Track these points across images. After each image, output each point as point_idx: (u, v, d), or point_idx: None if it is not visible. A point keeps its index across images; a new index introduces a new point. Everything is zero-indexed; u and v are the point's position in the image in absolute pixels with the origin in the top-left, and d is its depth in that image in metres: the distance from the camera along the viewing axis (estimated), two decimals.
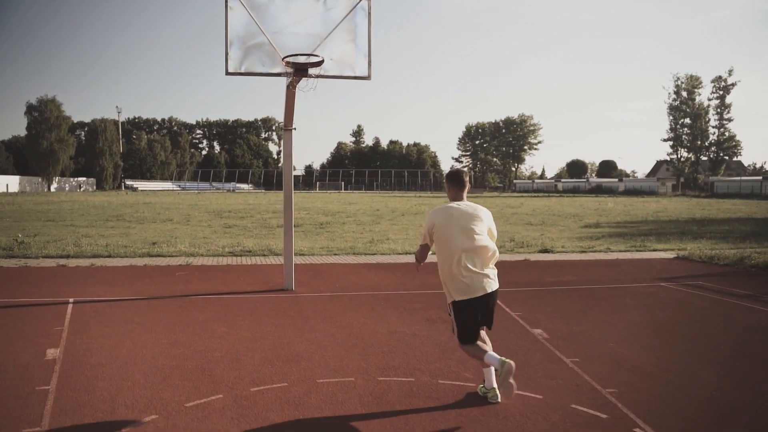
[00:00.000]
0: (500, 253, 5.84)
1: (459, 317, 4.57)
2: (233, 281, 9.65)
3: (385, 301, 8.38)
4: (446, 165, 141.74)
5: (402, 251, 14.11)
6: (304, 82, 6.93)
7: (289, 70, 6.86)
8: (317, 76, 6.87)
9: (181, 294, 8.48)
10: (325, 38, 7.13)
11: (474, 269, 4.52)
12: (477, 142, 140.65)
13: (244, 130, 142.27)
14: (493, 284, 4.62)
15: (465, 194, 4.86)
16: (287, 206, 8.68)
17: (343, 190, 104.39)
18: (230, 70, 6.89)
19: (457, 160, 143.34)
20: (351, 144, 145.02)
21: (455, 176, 4.87)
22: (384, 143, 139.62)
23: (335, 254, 13.49)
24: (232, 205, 38.73)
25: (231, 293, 8.64)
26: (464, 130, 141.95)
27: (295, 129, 8.43)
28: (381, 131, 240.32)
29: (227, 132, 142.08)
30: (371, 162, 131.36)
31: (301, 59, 6.69)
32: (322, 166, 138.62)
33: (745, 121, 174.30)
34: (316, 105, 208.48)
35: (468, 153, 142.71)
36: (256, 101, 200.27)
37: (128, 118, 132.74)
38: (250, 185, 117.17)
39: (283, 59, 6.90)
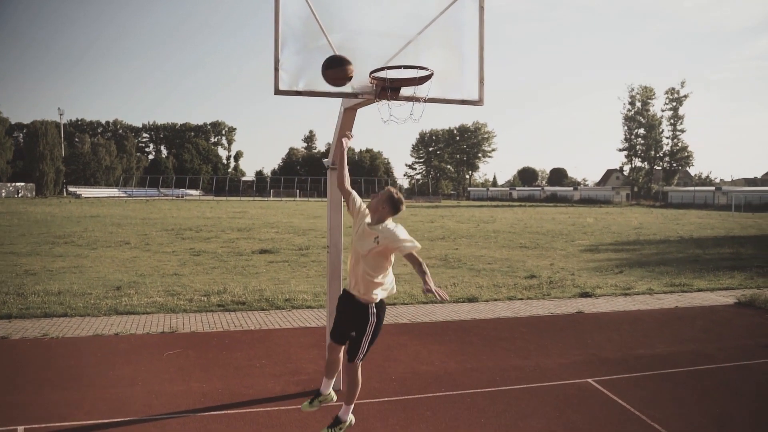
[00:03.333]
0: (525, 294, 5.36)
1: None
2: (246, 368, 7.12)
3: (475, 409, 6.07)
4: (400, 172, 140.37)
5: (431, 297, 11.84)
6: (389, 107, 4.62)
7: (372, 89, 4.56)
8: (414, 100, 4.57)
9: (184, 410, 5.84)
10: (410, 41, 4.72)
11: None
12: (431, 149, 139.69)
13: (192, 134, 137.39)
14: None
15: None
16: (333, 278, 6.26)
17: (298, 198, 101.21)
18: (282, 88, 4.48)
19: (410, 166, 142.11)
20: (303, 150, 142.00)
21: (401, 205, 4.89)
22: None
23: None
24: (189, 220, 35.64)
25: (252, 404, 5.97)
26: (418, 136, 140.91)
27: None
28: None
29: (175, 136, 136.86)
30: (323, 168, 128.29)
31: (392, 74, 4.35)
32: (274, 172, 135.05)
33: (691, 131, 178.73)
34: (264, 107, 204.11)
35: (421, 160, 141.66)
36: (205, 104, 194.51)
37: (70, 120, 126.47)
38: (199, 191, 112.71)
39: (370, 74, 4.58)
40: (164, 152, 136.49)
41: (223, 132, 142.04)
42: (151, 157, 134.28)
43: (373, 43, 4.68)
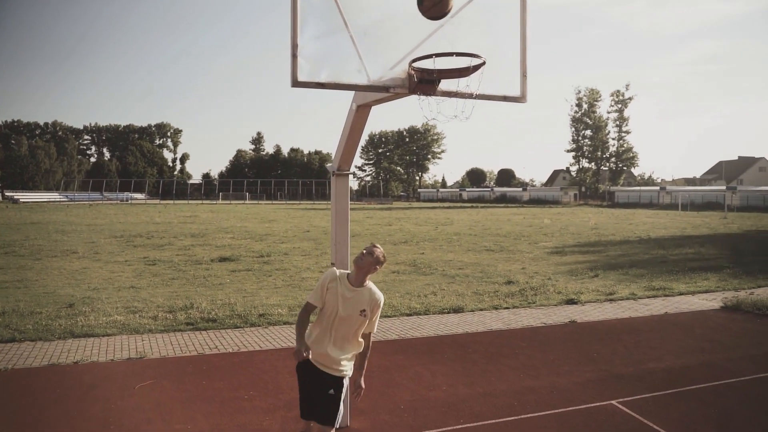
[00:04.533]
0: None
1: None
2: (233, 402, 6.23)
3: None
4: None
5: (416, 309, 11.14)
6: (429, 102, 3.88)
7: (404, 81, 3.82)
8: (459, 96, 3.85)
9: None
10: (441, 24, 3.99)
11: None
12: (380, 150, 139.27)
13: (136, 136, 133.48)
14: None
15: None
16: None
17: (247, 201, 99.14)
18: (302, 79, 3.70)
19: (360, 168, 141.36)
20: (251, 152, 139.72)
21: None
22: (285, 151, 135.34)
23: None
24: (138, 226, 34.02)
25: None
26: (368, 138, 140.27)
27: (353, 173, 5.33)
28: (282, 139, 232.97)
29: (118, 138, 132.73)
30: (272, 170, 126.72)
31: (439, 63, 3.60)
32: (221, 174, 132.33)
33: (635, 133, 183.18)
34: (211, 109, 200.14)
35: (371, 162, 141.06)
36: (149, 105, 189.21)
37: (6, 122, 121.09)
38: (145, 195, 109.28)
39: (411, 63, 3.82)
40: (107, 155, 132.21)
41: (169, 134, 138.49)
42: (93, 159, 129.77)
43: (405, 26, 3.92)
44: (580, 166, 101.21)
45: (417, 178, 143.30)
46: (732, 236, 30.45)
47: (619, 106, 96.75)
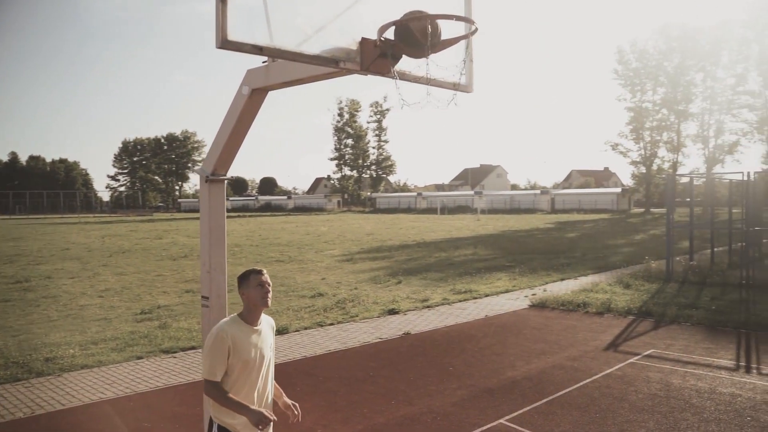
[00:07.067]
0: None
1: None
2: None
3: None
4: (100, 184, 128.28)
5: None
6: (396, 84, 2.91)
7: (362, 54, 2.83)
8: (407, 79, 2.92)
9: None
10: None
11: None
12: (136, 158, 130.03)
13: None
14: None
15: None
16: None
17: None
18: (234, 38, 2.46)
19: (113, 178, 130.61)
20: None
21: None
22: (23, 158, 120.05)
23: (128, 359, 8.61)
24: None
25: None
26: (120, 145, 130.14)
27: (230, 179, 4.12)
28: (16, 144, 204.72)
29: None
30: (7, 181, 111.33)
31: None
32: None
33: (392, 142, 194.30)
34: None
35: (126, 171, 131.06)
36: None
37: None
38: None
39: (381, 29, 2.79)
40: None
41: None
42: None
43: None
44: (343, 174, 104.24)
45: (177, 187, 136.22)
46: (493, 236, 33.08)
47: (378, 116, 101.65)
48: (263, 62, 3.60)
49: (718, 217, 22.26)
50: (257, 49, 2.61)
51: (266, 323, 3.57)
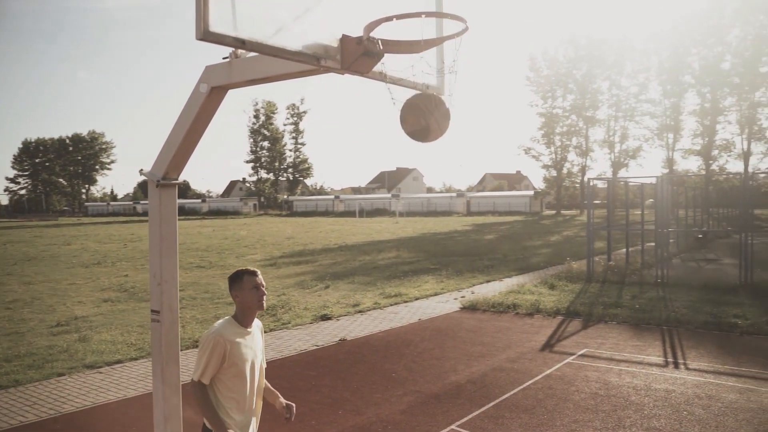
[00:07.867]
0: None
1: None
2: None
3: None
4: None
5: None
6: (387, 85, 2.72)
7: (343, 52, 2.64)
8: (380, 79, 2.78)
9: None
10: None
11: None
12: (38, 160, 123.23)
13: None
14: None
15: None
16: (169, 362, 3.97)
17: None
18: (217, 30, 2.23)
19: (13, 180, 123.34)
20: None
21: None
22: None
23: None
24: None
25: None
26: (21, 146, 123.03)
27: (183, 182, 3.84)
28: None
29: None
30: None
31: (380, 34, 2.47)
32: None
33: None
34: None
35: (27, 173, 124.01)
36: None
37: None
38: None
39: (367, 27, 2.60)
40: None
41: None
42: None
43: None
44: (259, 177, 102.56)
45: (84, 190, 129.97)
46: (414, 239, 33.33)
47: (295, 119, 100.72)
48: (224, 58, 3.38)
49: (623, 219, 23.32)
50: (239, 42, 2.41)
51: (255, 325, 3.55)
